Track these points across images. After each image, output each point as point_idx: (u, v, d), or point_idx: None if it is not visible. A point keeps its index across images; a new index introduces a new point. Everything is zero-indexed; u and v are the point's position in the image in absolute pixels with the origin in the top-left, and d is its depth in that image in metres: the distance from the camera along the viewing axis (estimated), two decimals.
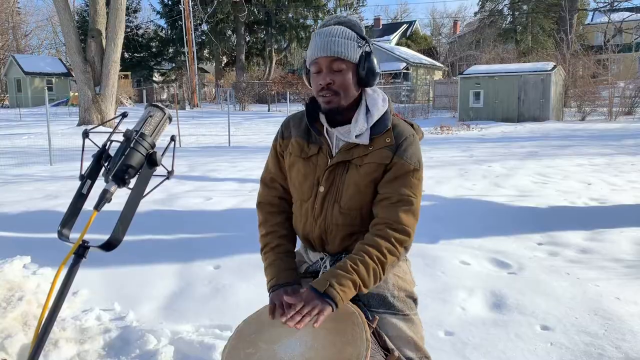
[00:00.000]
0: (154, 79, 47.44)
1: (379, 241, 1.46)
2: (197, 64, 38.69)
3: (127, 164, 1.21)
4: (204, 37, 42.11)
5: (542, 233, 4.70)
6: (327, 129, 1.60)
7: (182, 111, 27.87)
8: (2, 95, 42.64)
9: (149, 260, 4.06)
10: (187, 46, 34.74)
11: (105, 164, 1.24)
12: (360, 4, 42.84)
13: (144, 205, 5.85)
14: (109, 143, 1.25)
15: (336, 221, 1.58)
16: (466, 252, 4.15)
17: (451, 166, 8.82)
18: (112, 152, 1.27)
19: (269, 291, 1.57)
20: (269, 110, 30.54)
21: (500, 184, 7.09)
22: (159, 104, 1.30)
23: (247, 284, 3.56)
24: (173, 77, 46.37)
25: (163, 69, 48.36)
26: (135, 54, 45.02)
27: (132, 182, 1.27)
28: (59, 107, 31.18)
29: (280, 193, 1.73)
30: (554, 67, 20.45)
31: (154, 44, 46.42)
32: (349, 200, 1.56)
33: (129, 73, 40.92)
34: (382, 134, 1.55)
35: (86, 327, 2.95)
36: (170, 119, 1.31)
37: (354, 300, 1.56)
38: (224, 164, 9.55)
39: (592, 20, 42.02)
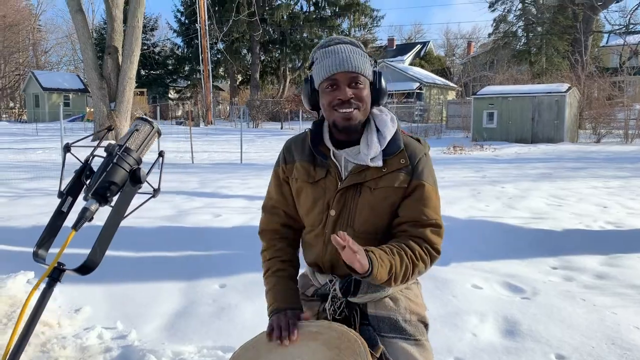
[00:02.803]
0: (169, 96, 47.99)
1: (414, 245, 1.44)
2: (213, 82, 39.06)
3: (109, 180, 1.14)
4: (219, 56, 42.57)
5: (557, 257, 4.58)
6: (333, 152, 1.55)
7: (196, 128, 28.07)
8: (21, 110, 43.35)
9: (154, 278, 4.01)
10: (202, 64, 35.13)
11: (88, 181, 1.18)
12: (375, 25, 43.16)
13: (152, 221, 5.82)
14: (91, 158, 1.20)
15: None
16: (478, 276, 4.04)
17: (464, 186, 8.71)
18: (96, 168, 1.22)
19: (269, 315, 1.52)
20: (281, 128, 30.64)
21: (513, 205, 6.97)
22: (148, 117, 1.24)
23: (253, 304, 3.48)
24: (188, 95, 46.87)
25: (179, 87, 48.93)
26: (152, 72, 45.63)
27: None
28: (75, 123, 31.58)
29: (283, 220, 1.67)
30: (569, 88, 20.30)
31: (170, 62, 47.07)
32: (363, 223, 1.51)
33: (145, 90, 41.44)
34: (396, 155, 1.51)
35: (87, 345, 2.89)
36: (159, 133, 1.25)
37: (363, 324, 1.51)
38: (235, 181, 9.54)
39: (607, 43, 41.84)
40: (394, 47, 53.75)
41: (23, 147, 17.46)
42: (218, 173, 10.98)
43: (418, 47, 54.25)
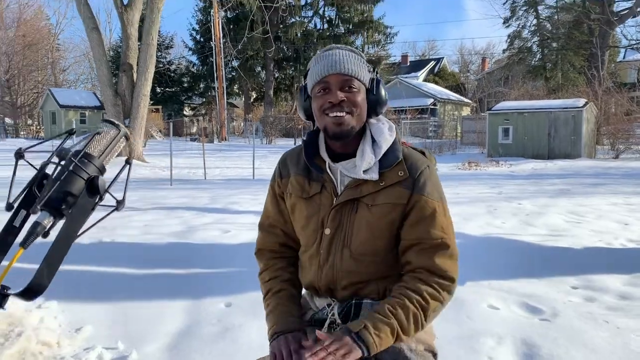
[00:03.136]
0: (184, 113, 48.45)
1: (420, 285, 1.32)
2: (227, 99, 39.36)
3: (65, 190, 1.02)
4: (234, 73, 42.97)
5: (577, 276, 4.39)
6: (329, 164, 1.43)
7: (210, 144, 28.21)
8: (38, 127, 44.02)
9: (158, 296, 3.90)
10: (217, 82, 35.44)
11: (41, 191, 1.06)
12: (388, 41, 43.26)
13: (159, 237, 5.73)
14: (47, 166, 1.09)
15: (347, 268, 1.40)
16: (494, 295, 3.87)
17: (479, 203, 8.52)
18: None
19: (269, 340, 1.42)
20: (295, 144, 30.69)
21: (530, 222, 6.77)
22: (115, 120, 1.13)
23: (259, 324, 3.35)
24: (203, 112, 47.30)
25: (194, 104, 49.42)
26: (167, 89, 46.15)
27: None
28: None
29: (280, 239, 1.57)
30: (586, 103, 20.04)
31: (185, 79, 47.62)
32: (361, 244, 1.39)
33: (160, 107, 41.86)
34: (393, 167, 1.38)
35: None
36: (127, 138, 1.13)
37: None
38: (246, 197, 9.46)
39: (624, 57, 41.46)
40: (408, 64, 53.83)
41: (36, 163, 17.60)
42: (230, 189, 10.93)
43: (432, 63, 54.27)
